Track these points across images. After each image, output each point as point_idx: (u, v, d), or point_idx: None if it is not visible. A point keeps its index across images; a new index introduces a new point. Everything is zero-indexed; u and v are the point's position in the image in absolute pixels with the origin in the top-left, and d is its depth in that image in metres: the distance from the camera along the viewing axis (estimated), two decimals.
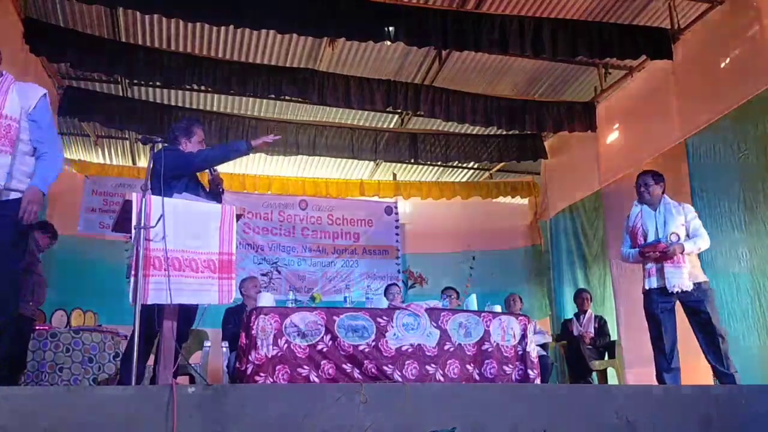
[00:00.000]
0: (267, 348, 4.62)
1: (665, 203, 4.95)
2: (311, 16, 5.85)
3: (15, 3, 6.07)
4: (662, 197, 4.98)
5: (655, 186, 4.99)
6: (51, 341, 5.34)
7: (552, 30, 6.37)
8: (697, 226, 4.83)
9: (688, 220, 4.84)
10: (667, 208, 4.93)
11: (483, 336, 5.19)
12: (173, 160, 3.90)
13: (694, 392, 3.81)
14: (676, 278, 4.72)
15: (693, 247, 4.75)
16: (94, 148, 9.14)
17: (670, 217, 4.87)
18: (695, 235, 4.79)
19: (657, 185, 4.99)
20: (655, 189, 4.98)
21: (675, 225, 4.83)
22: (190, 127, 4.13)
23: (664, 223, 4.88)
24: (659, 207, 4.95)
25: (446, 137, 8.94)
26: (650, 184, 5.00)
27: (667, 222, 4.87)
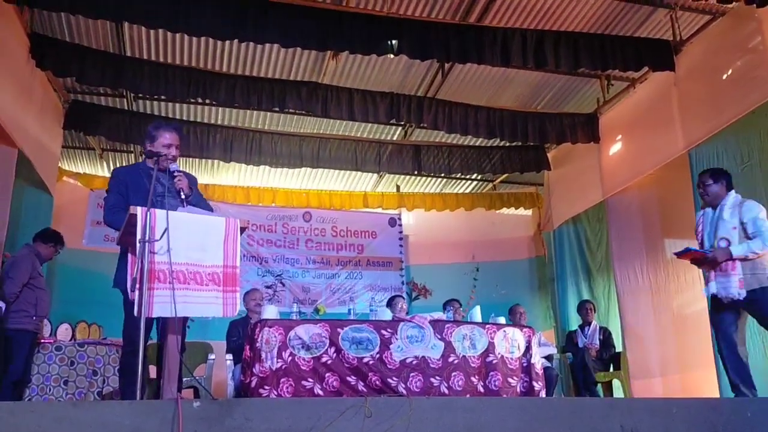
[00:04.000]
0: (271, 360, 4.62)
1: (723, 204, 4.57)
2: (315, 30, 5.89)
3: (21, 18, 6.13)
4: (725, 197, 4.58)
5: (713, 185, 4.62)
6: (56, 354, 5.35)
7: (554, 42, 6.40)
8: (758, 226, 4.36)
9: (745, 221, 4.41)
10: (722, 210, 4.55)
11: (487, 348, 5.19)
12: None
13: (699, 404, 3.80)
14: (723, 287, 4.41)
15: (744, 250, 4.33)
16: (99, 161, 9.18)
17: (721, 221, 4.51)
18: (755, 236, 4.34)
19: (716, 184, 4.62)
20: (713, 188, 4.62)
21: (725, 229, 4.47)
22: (154, 130, 3.88)
23: (716, 227, 4.54)
24: (717, 208, 4.59)
25: (449, 149, 8.96)
26: (708, 183, 4.64)
27: (718, 226, 4.52)
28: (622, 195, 7.70)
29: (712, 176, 4.66)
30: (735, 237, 4.43)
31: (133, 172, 3.89)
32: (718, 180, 4.64)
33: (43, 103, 6.98)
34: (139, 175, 3.80)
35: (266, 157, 8.26)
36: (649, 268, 7.19)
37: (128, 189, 3.76)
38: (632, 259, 7.43)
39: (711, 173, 4.70)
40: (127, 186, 3.78)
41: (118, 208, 3.64)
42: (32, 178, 6.73)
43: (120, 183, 3.83)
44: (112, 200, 3.78)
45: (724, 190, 4.62)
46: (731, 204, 4.54)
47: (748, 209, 4.46)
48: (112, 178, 3.92)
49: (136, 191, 3.68)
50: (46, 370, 5.29)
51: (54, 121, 7.43)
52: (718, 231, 4.51)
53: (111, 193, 3.82)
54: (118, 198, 3.74)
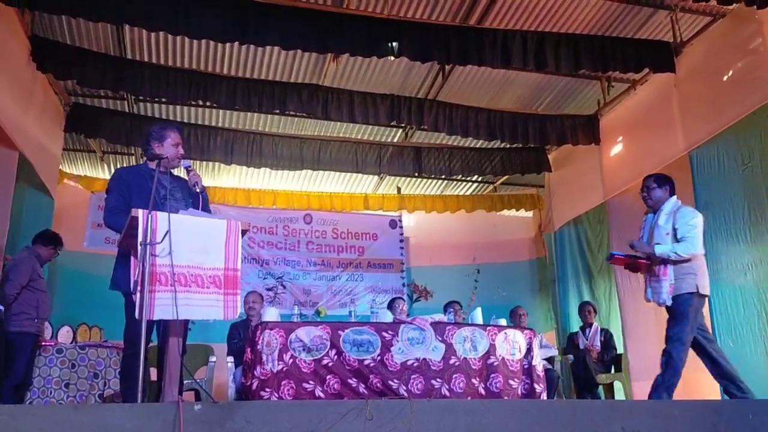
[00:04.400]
0: (272, 363, 4.62)
1: (662, 209, 4.59)
2: (315, 33, 5.90)
3: (22, 21, 6.14)
4: (666, 202, 4.61)
5: (657, 189, 4.64)
6: (57, 357, 5.35)
7: (555, 44, 6.40)
8: (687, 230, 4.40)
9: (677, 226, 4.43)
10: (659, 215, 4.58)
11: (488, 350, 5.18)
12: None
13: (701, 406, 3.80)
14: (656, 292, 4.48)
15: (667, 250, 4.36)
16: (100, 164, 9.18)
17: (656, 227, 4.54)
18: (682, 239, 4.39)
19: (660, 189, 4.64)
20: (656, 193, 4.64)
21: (659, 234, 4.49)
22: (161, 130, 3.95)
23: (652, 232, 4.58)
24: (657, 213, 4.62)
25: (450, 151, 8.96)
26: (652, 187, 4.67)
27: (654, 232, 4.56)
28: (623, 196, 7.69)
29: (656, 181, 4.68)
30: (668, 242, 4.46)
31: (136, 173, 3.88)
32: (662, 185, 4.66)
33: (44, 105, 6.99)
34: (142, 176, 3.79)
35: (267, 160, 8.26)
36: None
37: (130, 190, 3.74)
38: None
39: (655, 178, 4.72)
40: (129, 187, 3.77)
41: (119, 210, 3.61)
42: (33, 180, 6.74)
43: (122, 184, 3.81)
44: (113, 201, 3.75)
45: (667, 195, 4.64)
46: (668, 210, 4.56)
47: (682, 215, 4.50)
48: (114, 178, 3.90)
49: (139, 193, 3.67)
50: (47, 372, 5.29)
51: (55, 124, 7.44)
52: (654, 236, 4.56)
53: (112, 193, 3.80)
54: (120, 199, 3.73)
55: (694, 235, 4.40)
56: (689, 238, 4.38)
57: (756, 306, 5.52)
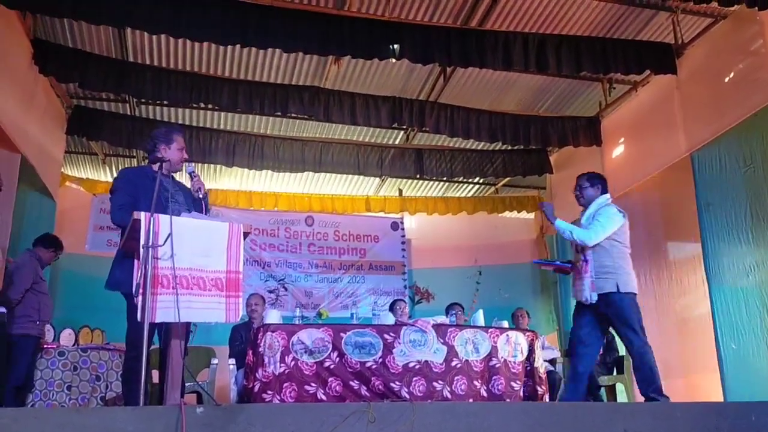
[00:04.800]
0: (274, 365, 4.62)
1: (590, 207, 4.63)
2: (316, 35, 5.90)
3: (24, 24, 6.15)
4: (593, 201, 4.64)
5: (589, 188, 4.68)
6: (59, 359, 5.35)
7: (556, 46, 6.40)
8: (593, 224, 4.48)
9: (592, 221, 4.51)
10: (586, 211, 4.63)
11: (490, 352, 5.18)
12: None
13: (703, 408, 3.79)
14: (579, 290, 4.51)
15: (565, 226, 4.50)
16: (101, 166, 9.20)
17: (579, 222, 4.61)
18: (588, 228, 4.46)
19: (592, 188, 4.68)
20: (588, 192, 4.68)
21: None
22: (169, 133, 3.98)
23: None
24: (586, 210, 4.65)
25: (451, 153, 8.96)
26: (585, 186, 4.70)
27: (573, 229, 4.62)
28: (624, 198, 7.66)
29: (588, 180, 4.72)
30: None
31: (141, 174, 3.88)
32: (594, 184, 4.69)
33: (46, 108, 7.00)
34: (147, 178, 3.79)
35: (269, 162, 8.26)
36: (652, 271, 7.17)
37: (137, 190, 3.74)
38: (635, 262, 7.36)
39: (588, 177, 4.75)
40: (136, 187, 3.76)
41: (128, 208, 3.55)
42: (35, 183, 6.75)
43: (129, 183, 3.81)
44: (121, 200, 3.74)
45: (598, 194, 4.67)
46: (593, 208, 4.61)
47: (602, 212, 4.55)
48: (120, 178, 3.91)
49: (144, 194, 3.66)
50: (50, 375, 5.29)
51: (57, 127, 7.45)
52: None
53: (119, 192, 3.79)
54: (128, 198, 3.72)
55: (596, 229, 4.45)
56: (592, 228, 4.45)
57: (758, 307, 5.51)
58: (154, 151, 3.90)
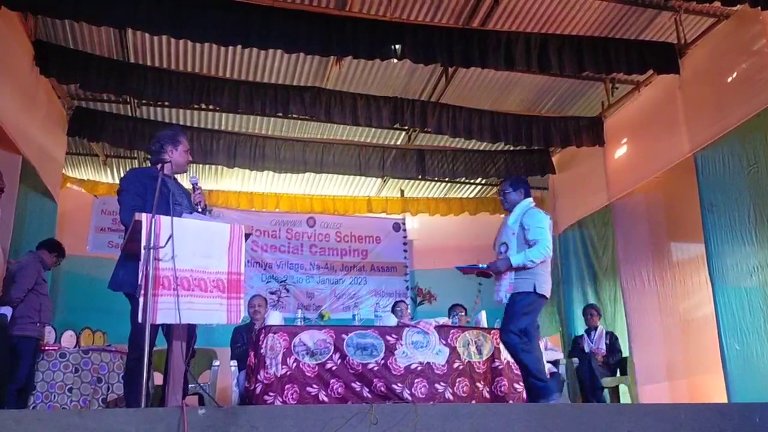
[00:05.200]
0: (276, 367, 4.62)
1: (515, 210, 4.58)
2: (318, 36, 5.89)
3: (25, 25, 6.15)
4: (518, 204, 4.59)
5: (512, 193, 4.63)
6: (60, 361, 5.34)
7: (558, 46, 6.38)
8: (538, 234, 4.38)
9: (526, 228, 4.43)
10: (510, 215, 4.59)
11: (493, 353, 5.17)
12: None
13: (707, 409, 3.76)
14: (497, 291, 4.49)
15: (523, 259, 4.34)
16: (103, 167, 9.19)
17: (504, 226, 4.58)
18: (534, 243, 4.36)
19: (515, 192, 4.63)
20: (512, 196, 4.63)
21: (506, 234, 4.52)
22: (176, 135, 3.99)
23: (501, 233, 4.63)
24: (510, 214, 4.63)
25: (453, 153, 8.95)
26: (507, 191, 4.66)
27: (502, 231, 4.61)
28: (627, 198, 7.67)
29: (511, 185, 4.68)
30: (513, 242, 4.45)
31: (147, 175, 3.85)
32: (516, 188, 4.65)
33: (47, 109, 7.00)
34: (152, 179, 3.74)
35: (270, 163, 8.25)
36: (656, 271, 7.16)
37: (145, 191, 3.70)
38: (638, 263, 7.40)
39: (510, 182, 4.72)
40: (144, 187, 3.73)
41: (137, 209, 3.55)
42: (36, 184, 6.74)
43: (138, 184, 3.78)
44: (131, 201, 3.71)
45: (522, 197, 4.63)
46: (519, 211, 4.55)
47: (530, 216, 4.48)
48: (128, 178, 3.88)
49: (150, 195, 3.61)
50: (51, 377, 5.27)
51: (58, 128, 7.44)
52: (501, 236, 4.59)
53: (128, 193, 3.77)
54: (137, 199, 3.69)
55: (544, 238, 4.39)
56: (541, 241, 4.36)
57: (762, 308, 5.49)
58: (160, 152, 3.89)
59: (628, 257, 7.57)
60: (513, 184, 4.69)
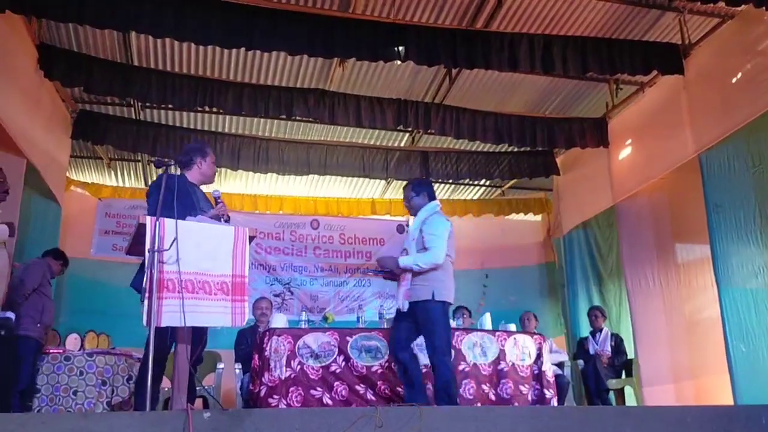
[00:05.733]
0: (280, 369, 4.61)
1: (418, 215, 4.53)
2: (321, 38, 5.89)
3: (29, 29, 6.16)
4: (422, 208, 4.53)
5: (416, 197, 4.57)
6: (65, 364, 5.35)
7: (562, 47, 6.36)
8: (433, 240, 4.34)
9: (424, 234, 4.39)
10: (414, 220, 4.56)
11: (498, 356, 5.16)
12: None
13: (714, 412, 3.75)
14: (396, 297, 4.45)
15: (410, 262, 4.31)
16: (107, 170, 9.20)
17: (407, 231, 4.58)
18: (428, 249, 4.33)
19: (418, 196, 4.57)
20: (416, 200, 4.57)
21: (407, 240, 4.51)
22: (204, 148, 4.14)
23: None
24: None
25: (457, 155, 8.93)
26: (411, 196, 4.61)
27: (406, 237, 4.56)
28: (632, 199, 7.65)
29: (413, 189, 4.62)
30: (412, 248, 4.41)
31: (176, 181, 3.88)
32: (420, 192, 4.59)
33: (51, 113, 7.01)
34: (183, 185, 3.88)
35: (274, 165, 8.26)
36: (661, 273, 7.13)
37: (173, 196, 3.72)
38: (643, 264, 7.37)
39: (413, 186, 4.66)
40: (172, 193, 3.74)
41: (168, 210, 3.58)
42: (40, 187, 6.75)
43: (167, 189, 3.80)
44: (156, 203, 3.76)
45: (426, 201, 4.57)
46: (421, 216, 4.50)
47: (429, 223, 4.43)
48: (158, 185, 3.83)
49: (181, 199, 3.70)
50: (56, 380, 5.28)
51: (62, 131, 7.45)
52: (404, 242, 4.56)
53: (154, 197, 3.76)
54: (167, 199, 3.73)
55: (437, 245, 4.33)
56: (433, 248, 4.32)
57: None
58: (190, 163, 4.03)
59: (632, 258, 7.55)
60: (416, 188, 4.63)
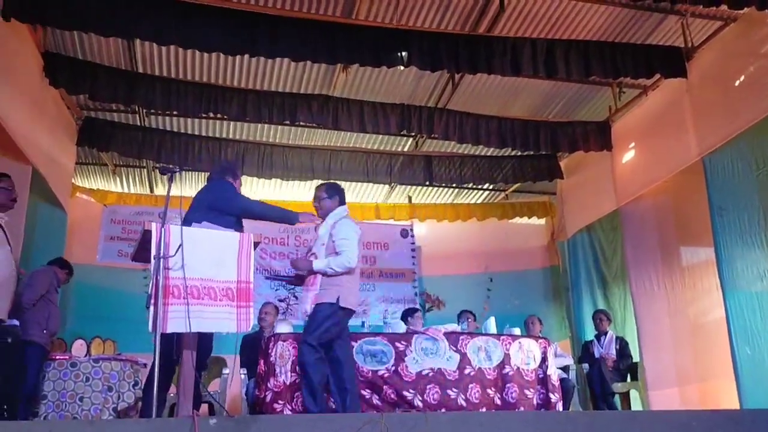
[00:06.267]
0: (285, 375, 4.62)
1: (327, 219, 4.49)
2: (325, 44, 5.91)
3: (34, 37, 6.20)
4: (332, 212, 4.50)
5: (327, 200, 4.55)
6: (71, 371, 5.35)
7: (565, 51, 6.37)
8: (344, 245, 4.32)
9: (334, 239, 4.35)
10: (321, 227, 4.51)
11: (503, 359, 5.16)
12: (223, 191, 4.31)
13: (719, 416, 3.74)
14: (303, 301, 4.37)
15: (323, 265, 4.25)
16: (112, 177, 9.24)
17: (317, 235, 4.49)
18: (340, 253, 4.30)
19: (329, 199, 4.55)
20: (326, 203, 4.54)
21: (316, 244, 4.45)
22: (236, 169, 4.62)
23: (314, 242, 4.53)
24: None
25: (461, 159, 8.94)
26: (322, 198, 4.58)
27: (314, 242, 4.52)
28: (636, 203, 7.64)
29: (326, 191, 4.60)
30: (322, 252, 4.36)
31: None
32: (332, 195, 4.58)
33: (57, 120, 7.05)
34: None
35: (278, 170, 8.28)
36: (665, 276, 7.12)
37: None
38: (648, 268, 7.36)
39: (326, 188, 4.63)
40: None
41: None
42: (46, 194, 6.78)
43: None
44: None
45: (336, 205, 4.55)
46: (330, 221, 4.47)
47: (339, 227, 4.41)
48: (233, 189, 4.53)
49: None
50: (62, 386, 5.28)
51: (67, 138, 7.49)
52: (313, 246, 4.51)
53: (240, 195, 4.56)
54: None
55: (349, 249, 4.31)
56: (345, 252, 4.29)
57: None
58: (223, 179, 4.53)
59: (637, 262, 7.54)
60: (329, 190, 4.61)
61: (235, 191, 4.45)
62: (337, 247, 4.33)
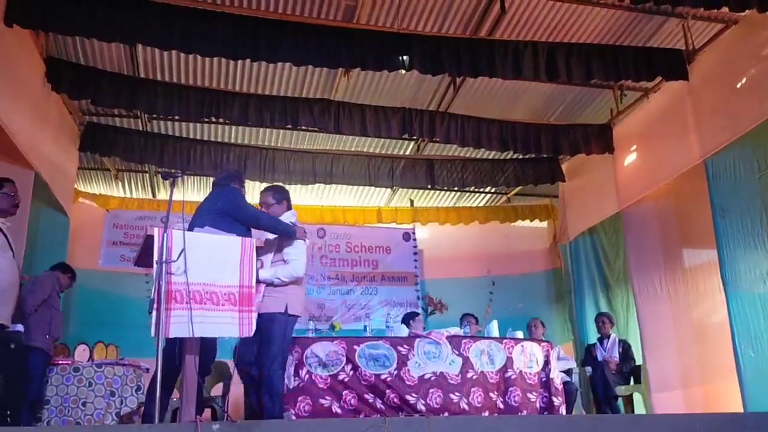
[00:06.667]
0: (288, 379, 4.61)
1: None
2: (326, 48, 5.92)
3: (37, 42, 6.22)
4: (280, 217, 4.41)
5: (275, 205, 4.50)
6: (74, 376, 5.36)
7: (566, 54, 6.37)
8: (293, 254, 4.25)
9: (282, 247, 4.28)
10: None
11: (506, 363, 5.15)
12: (235, 198, 4.27)
13: (723, 419, 3.74)
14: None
15: (270, 275, 4.16)
16: (114, 182, 9.25)
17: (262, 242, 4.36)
18: (287, 262, 4.23)
19: (278, 204, 4.51)
20: (274, 208, 4.48)
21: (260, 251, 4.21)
22: (242, 177, 4.69)
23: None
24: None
25: (463, 162, 8.94)
26: (270, 203, 4.51)
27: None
28: (638, 205, 7.64)
29: (274, 195, 4.54)
30: (268, 259, 4.28)
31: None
32: (280, 200, 4.53)
33: (59, 125, 7.06)
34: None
35: (280, 174, 8.28)
36: (668, 278, 7.11)
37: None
38: (650, 270, 7.36)
39: (273, 193, 4.57)
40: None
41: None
42: (49, 199, 6.80)
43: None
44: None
45: (284, 209, 4.51)
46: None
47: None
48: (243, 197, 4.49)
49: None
50: (65, 391, 5.30)
51: (70, 143, 7.51)
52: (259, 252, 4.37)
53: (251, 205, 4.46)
54: None
55: (297, 258, 4.25)
56: (293, 261, 4.23)
57: None
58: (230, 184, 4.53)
59: (639, 264, 7.53)
60: (276, 195, 4.55)
61: (245, 200, 4.43)
62: (284, 255, 4.26)
